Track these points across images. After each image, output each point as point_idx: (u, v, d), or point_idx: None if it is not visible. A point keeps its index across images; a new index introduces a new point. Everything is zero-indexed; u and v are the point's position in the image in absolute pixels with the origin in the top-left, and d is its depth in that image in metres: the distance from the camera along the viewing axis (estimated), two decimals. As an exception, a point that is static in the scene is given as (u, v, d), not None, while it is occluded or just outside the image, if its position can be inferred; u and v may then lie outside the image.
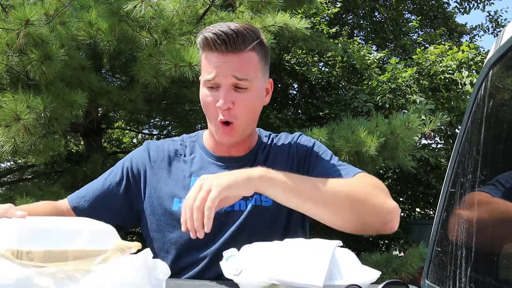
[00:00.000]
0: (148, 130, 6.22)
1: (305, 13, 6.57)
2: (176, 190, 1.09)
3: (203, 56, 1.03)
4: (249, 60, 1.01)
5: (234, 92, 1.00)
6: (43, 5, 2.67)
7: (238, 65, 0.99)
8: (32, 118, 2.43)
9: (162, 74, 2.83)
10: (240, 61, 0.99)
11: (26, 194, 2.80)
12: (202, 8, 3.34)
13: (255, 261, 0.75)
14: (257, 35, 1.02)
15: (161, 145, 1.18)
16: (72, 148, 5.73)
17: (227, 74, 0.99)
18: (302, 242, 0.77)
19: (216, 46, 0.98)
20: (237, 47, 0.98)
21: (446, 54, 6.42)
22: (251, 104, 1.03)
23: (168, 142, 1.19)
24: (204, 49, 1.02)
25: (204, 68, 1.03)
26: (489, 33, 11.13)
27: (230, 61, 0.98)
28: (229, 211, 1.06)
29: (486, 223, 0.84)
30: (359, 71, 6.89)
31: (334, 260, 0.72)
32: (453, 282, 0.85)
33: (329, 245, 0.74)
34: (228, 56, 0.98)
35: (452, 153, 1.05)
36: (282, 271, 0.69)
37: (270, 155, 1.15)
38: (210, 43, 0.98)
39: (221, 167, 1.11)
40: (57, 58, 2.58)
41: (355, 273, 0.72)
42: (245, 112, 1.03)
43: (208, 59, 1.01)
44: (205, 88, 1.03)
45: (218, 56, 0.99)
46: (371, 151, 3.14)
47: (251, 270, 0.73)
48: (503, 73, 0.91)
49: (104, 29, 2.91)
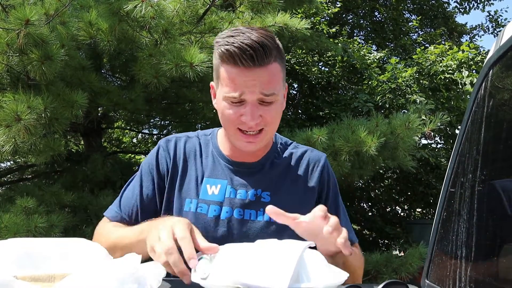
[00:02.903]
0: (148, 130, 6.22)
1: (305, 13, 6.57)
2: (188, 191, 1.10)
3: (224, 68, 0.97)
4: (274, 73, 0.98)
5: (260, 106, 0.98)
6: (43, 5, 2.67)
7: (265, 80, 0.96)
8: (32, 118, 2.43)
9: (162, 74, 2.83)
10: (267, 76, 0.96)
11: (26, 194, 2.80)
12: (202, 8, 3.34)
13: (222, 263, 0.74)
14: (276, 41, 0.99)
15: (178, 142, 1.16)
16: (72, 148, 5.73)
17: (254, 91, 0.96)
18: (273, 243, 0.77)
19: (243, 62, 0.93)
20: (264, 62, 0.94)
21: (446, 54, 6.41)
22: (277, 114, 1.03)
23: (183, 139, 1.17)
24: (226, 62, 0.96)
25: (225, 82, 0.97)
26: (489, 33, 11.12)
27: (257, 77, 0.95)
28: (242, 219, 1.07)
29: (486, 223, 0.84)
30: (359, 71, 6.88)
31: (302, 262, 0.71)
32: (453, 282, 0.85)
33: (299, 247, 0.73)
34: (255, 71, 0.94)
35: (452, 153, 1.05)
36: (247, 274, 0.69)
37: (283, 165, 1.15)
38: (236, 59, 0.93)
39: (232, 171, 1.12)
40: (57, 58, 2.58)
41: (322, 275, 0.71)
42: (272, 122, 1.02)
43: (231, 74, 0.96)
44: (226, 102, 0.99)
45: (243, 72, 0.95)
46: (371, 151, 3.14)
47: (217, 274, 0.72)
48: (503, 73, 0.91)
49: (104, 29, 2.91)
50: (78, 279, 0.55)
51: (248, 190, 1.10)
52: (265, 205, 1.07)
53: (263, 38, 0.94)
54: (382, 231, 7.26)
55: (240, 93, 0.96)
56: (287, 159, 1.16)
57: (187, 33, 3.21)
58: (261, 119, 0.99)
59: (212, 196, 1.09)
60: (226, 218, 1.07)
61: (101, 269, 0.57)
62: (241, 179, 1.11)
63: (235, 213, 1.08)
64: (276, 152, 1.17)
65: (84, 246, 0.67)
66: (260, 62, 0.94)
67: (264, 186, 1.11)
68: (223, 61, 0.97)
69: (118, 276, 0.57)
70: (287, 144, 1.21)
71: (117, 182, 3.81)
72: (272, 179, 1.12)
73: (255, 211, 1.08)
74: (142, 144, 7.26)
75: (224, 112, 1.01)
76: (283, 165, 1.15)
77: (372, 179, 6.84)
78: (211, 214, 1.07)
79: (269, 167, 1.14)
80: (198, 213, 1.07)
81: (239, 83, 0.95)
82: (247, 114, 0.97)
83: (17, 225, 2.43)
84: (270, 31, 1.03)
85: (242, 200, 1.09)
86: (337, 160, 3.22)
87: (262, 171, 1.13)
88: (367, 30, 10.27)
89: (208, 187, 1.10)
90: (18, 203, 2.66)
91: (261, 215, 1.08)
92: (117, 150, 6.15)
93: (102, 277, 0.56)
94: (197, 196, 1.09)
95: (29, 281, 0.57)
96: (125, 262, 0.64)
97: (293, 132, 3.50)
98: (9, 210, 2.61)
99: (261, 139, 1.04)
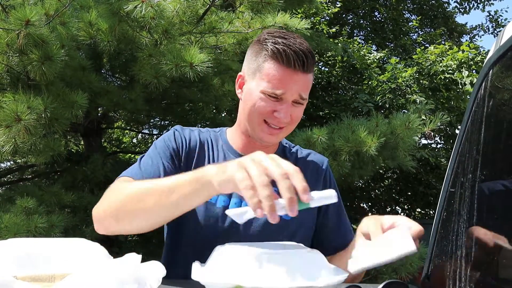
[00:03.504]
0: (148, 130, 6.23)
1: (305, 13, 6.57)
2: None
3: (271, 65, 1.03)
4: (310, 82, 1.08)
5: (293, 106, 1.06)
6: (43, 5, 2.67)
7: (305, 86, 1.06)
8: (32, 118, 2.43)
9: (162, 74, 2.83)
10: (307, 82, 1.06)
11: (26, 194, 2.80)
12: (202, 8, 3.34)
13: (223, 263, 0.74)
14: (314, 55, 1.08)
15: (192, 132, 1.18)
16: (72, 148, 5.73)
17: (294, 92, 1.04)
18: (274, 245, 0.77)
19: (295, 65, 1.01)
20: (309, 69, 1.05)
21: (446, 54, 6.42)
22: (301, 115, 1.11)
23: (196, 130, 1.19)
24: (277, 60, 1.03)
25: (269, 78, 1.03)
26: (489, 33, 11.13)
27: (301, 80, 1.04)
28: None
29: (486, 223, 0.84)
30: (359, 71, 6.89)
31: (302, 262, 0.72)
32: (453, 282, 0.85)
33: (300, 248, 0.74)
34: (300, 76, 1.03)
35: (452, 153, 1.05)
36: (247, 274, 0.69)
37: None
38: (290, 60, 1.01)
39: None
40: (57, 59, 2.58)
41: (322, 275, 0.72)
42: (295, 122, 1.10)
43: (279, 72, 1.03)
44: (263, 95, 1.05)
45: (292, 73, 1.02)
46: (371, 151, 3.14)
47: (217, 272, 0.72)
48: (503, 73, 0.91)
49: (104, 29, 2.91)
50: (78, 279, 0.55)
51: None
52: None
53: (310, 49, 1.05)
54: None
55: (283, 92, 1.03)
56: (293, 158, 1.20)
57: (187, 33, 3.21)
58: (290, 118, 1.07)
59: None
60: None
61: (101, 269, 0.57)
62: None
63: (244, 204, 1.07)
64: (282, 153, 1.21)
65: (84, 246, 0.67)
66: (307, 69, 1.04)
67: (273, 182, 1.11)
68: (273, 58, 1.03)
69: (118, 276, 0.57)
70: (291, 146, 1.26)
71: (117, 182, 3.80)
72: None
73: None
74: (142, 144, 7.26)
75: (257, 103, 1.06)
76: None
77: (372, 179, 6.85)
78: (220, 204, 1.08)
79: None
80: (208, 202, 1.08)
81: (284, 82, 1.03)
82: (282, 111, 1.04)
83: (17, 225, 2.43)
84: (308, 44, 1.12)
85: None
86: (337, 160, 3.22)
87: None
88: (367, 30, 10.28)
89: None
90: (18, 203, 2.66)
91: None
92: (117, 150, 6.15)
93: (102, 277, 0.56)
94: None
95: (29, 281, 0.57)
96: (125, 262, 0.64)
97: (293, 132, 3.50)
98: (9, 210, 2.61)
99: (281, 135, 1.11)
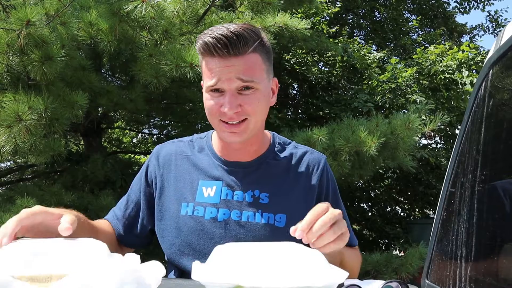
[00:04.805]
0: (148, 130, 6.23)
1: (305, 12, 6.57)
2: (184, 194, 1.09)
3: (204, 62, 1.00)
4: (253, 63, 0.98)
5: (240, 95, 0.98)
6: (43, 5, 2.67)
7: (241, 68, 0.96)
8: (33, 118, 2.44)
9: (162, 74, 2.83)
10: (243, 64, 0.96)
11: (26, 194, 2.80)
12: (202, 8, 3.34)
13: (223, 263, 0.74)
14: (258, 35, 0.99)
15: (169, 148, 1.17)
16: (72, 148, 5.73)
17: (230, 78, 0.96)
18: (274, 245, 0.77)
19: (217, 51, 0.94)
20: (239, 50, 0.95)
21: (446, 54, 6.41)
22: (260, 104, 1.01)
23: (175, 143, 1.19)
24: (205, 55, 0.98)
25: (206, 74, 1.00)
26: (489, 33, 11.12)
27: (233, 65, 0.95)
28: (239, 221, 1.07)
29: (486, 223, 0.84)
30: (359, 70, 6.89)
31: (302, 262, 0.72)
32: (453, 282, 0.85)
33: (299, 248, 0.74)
34: (231, 60, 0.95)
35: (452, 153, 1.05)
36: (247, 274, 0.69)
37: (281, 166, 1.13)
38: (211, 48, 0.95)
39: (227, 171, 1.11)
40: (57, 59, 2.58)
41: (322, 275, 0.71)
42: (254, 112, 1.00)
43: (209, 65, 0.98)
44: (208, 94, 1.01)
45: (220, 61, 0.95)
46: (371, 151, 3.14)
47: (217, 272, 0.72)
48: (503, 73, 0.91)
49: (105, 29, 2.91)
50: (77, 279, 0.55)
51: (245, 191, 1.08)
52: (264, 207, 1.07)
53: (242, 30, 0.95)
54: (382, 231, 7.27)
55: (216, 80, 0.96)
56: (286, 160, 1.14)
57: (187, 33, 3.21)
58: (241, 109, 0.99)
59: (208, 198, 1.08)
60: (224, 220, 1.06)
61: (100, 269, 0.57)
62: (236, 179, 1.09)
63: (233, 215, 1.06)
64: (273, 153, 1.14)
65: (84, 246, 0.67)
66: (235, 51, 0.95)
67: (261, 187, 1.09)
68: (202, 54, 0.99)
69: (118, 276, 0.57)
70: (286, 144, 1.19)
71: (117, 182, 3.81)
72: (271, 180, 1.10)
73: (253, 213, 1.06)
74: (142, 144, 7.26)
75: (207, 104, 1.02)
76: (282, 166, 1.13)
77: (372, 179, 6.85)
78: (208, 217, 1.06)
79: (266, 167, 1.12)
80: (195, 216, 1.06)
81: (215, 71, 0.96)
82: (226, 103, 0.97)
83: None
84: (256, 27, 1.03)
85: (239, 201, 1.07)
86: (337, 160, 3.22)
87: (258, 171, 1.11)
88: (367, 30, 10.27)
89: (204, 189, 1.09)
90: (18, 203, 2.66)
91: (259, 217, 1.06)
92: (117, 150, 6.15)
93: (101, 277, 0.56)
94: (193, 199, 1.08)
95: (26, 281, 0.57)
96: (124, 262, 0.64)
97: (293, 132, 3.51)
98: (9, 210, 2.61)
99: (244, 130, 1.01)
